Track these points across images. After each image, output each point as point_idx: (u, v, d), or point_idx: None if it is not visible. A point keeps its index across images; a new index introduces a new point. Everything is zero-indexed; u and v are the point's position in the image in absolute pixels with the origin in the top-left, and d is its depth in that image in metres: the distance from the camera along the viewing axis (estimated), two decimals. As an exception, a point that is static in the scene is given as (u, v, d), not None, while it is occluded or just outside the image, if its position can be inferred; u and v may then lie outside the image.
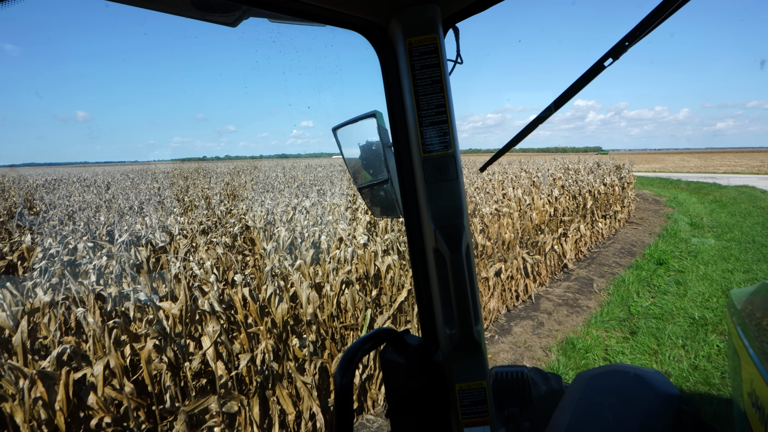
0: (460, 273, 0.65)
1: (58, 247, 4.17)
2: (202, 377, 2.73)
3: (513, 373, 0.92)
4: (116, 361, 2.06)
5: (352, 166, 1.04)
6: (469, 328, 0.65)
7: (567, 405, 1.28)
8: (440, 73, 0.66)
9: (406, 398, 0.73)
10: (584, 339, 4.67)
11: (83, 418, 2.09)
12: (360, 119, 0.93)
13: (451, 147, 0.68)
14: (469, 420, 0.72)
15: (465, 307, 0.65)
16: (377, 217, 1.11)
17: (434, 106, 0.67)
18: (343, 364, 0.63)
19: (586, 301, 5.88)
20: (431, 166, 0.68)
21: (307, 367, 2.91)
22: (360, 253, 3.67)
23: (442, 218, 0.68)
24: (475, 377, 0.71)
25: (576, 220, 7.54)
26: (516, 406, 0.91)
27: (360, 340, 0.67)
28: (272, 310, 2.85)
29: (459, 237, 0.66)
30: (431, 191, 0.69)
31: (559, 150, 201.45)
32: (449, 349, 0.71)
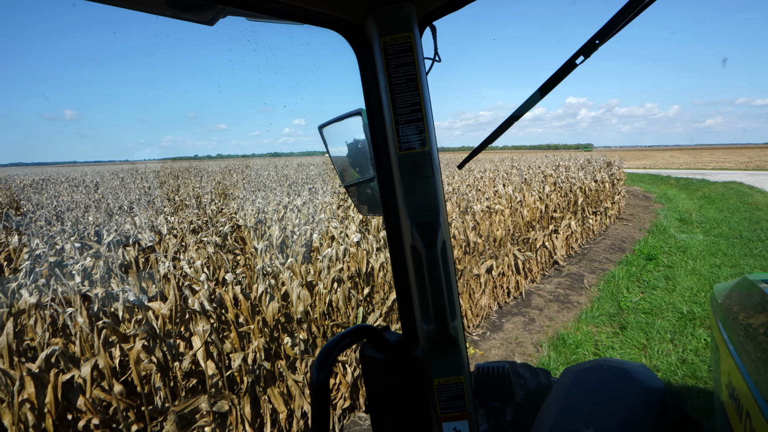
0: (435, 269, 0.65)
1: (45, 247, 4.11)
2: (192, 377, 2.72)
3: (494, 369, 0.93)
4: (105, 361, 2.04)
5: (338, 164, 1.04)
6: (444, 324, 0.66)
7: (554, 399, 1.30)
8: (415, 72, 0.66)
9: (386, 394, 0.74)
10: (575, 334, 4.71)
11: (71, 420, 2.07)
12: (346, 117, 0.93)
13: (427, 144, 0.68)
14: (447, 414, 0.73)
15: (441, 303, 0.65)
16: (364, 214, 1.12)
17: (410, 104, 0.67)
18: (320, 361, 0.63)
19: (576, 297, 5.94)
20: (407, 164, 0.68)
21: (298, 366, 2.91)
22: (353, 251, 3.67)
23: (419, 215, 0.69)
24: (452, 372, 0.72)
25: (567, 217, 7.61)
26: (497, 400, 0.92)
27: (337, 336, 0.68)
28: (263, 309, 2.85)
29: (434, 234, 0.67)
30: (407, 189, 0.69)
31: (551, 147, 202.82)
32: (427, 344, 0.71)
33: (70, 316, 2.20)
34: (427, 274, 0.65)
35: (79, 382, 2.07)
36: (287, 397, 2.85)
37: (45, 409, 1.90)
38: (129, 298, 2.37)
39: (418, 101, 0.67)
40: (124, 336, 2.31)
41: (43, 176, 24.57)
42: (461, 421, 0.72)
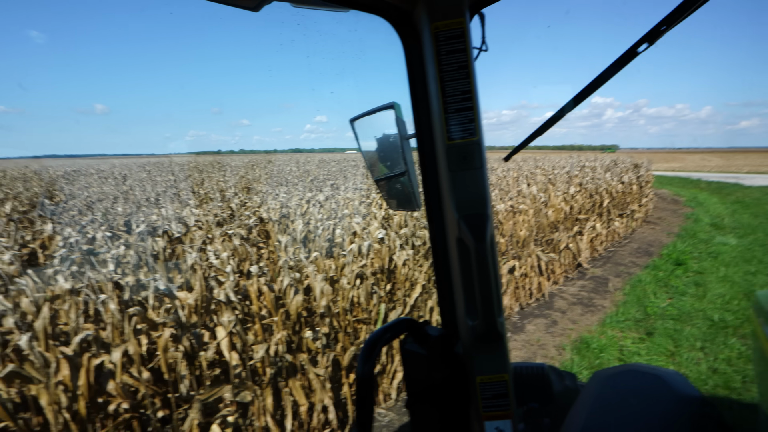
0: (483, 263, 0.63)
1: (78, 236, 4.26)
2: (216, 367, 2.77)
3: (532, 368, 0.90)
4: (134, 348, 2.09)
5: (369, 158, 1.03)
6: (492, 319, 0.64)
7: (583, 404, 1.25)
8: (466, 59, 0.64)
9: (427, 389, 0.72)
10: (599, 338, 4.60)
11: (102, 403, 2.13)
12: (378, 111, 0.91)
13: (477, 134, 0.66)
14: (490, 413, 0.70)
15: (489, 298, 0.63)
16: (393, 209, 1.10)
17: (460, 92, 0.65)
18: (365, 353, 0.62)
19: (601, 300, 5.79)
20: (455, 154, 0.66)
21: (319, 360, 2.93)
22: (376, 247, 3.67)
23: (466, 207, 0.67)
24: (496, 370, 0.70)
25: (592, 219, 7.42)
26: (535, 401, 0.89)
27: (381, 329, 0.66)
28: (287, 302, 2.87)
29: (484, 227, 0.64)
30: (455, 180, 0.67)
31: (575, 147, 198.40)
32: (471, 340, 0.69)
33: (102, 302, 2.27)
34: (475, 268, 0.63)
35: (109, 367, 2.12)
36: (308, 390, 2.87)
37: (78, 392, 1.96)
38: (159, 287, 2.42)
39: (469, 89, 0.65)
40: (153, 324, 2.36)
41: (75, 168, 25.47)
42: (504, 420, 0.70)
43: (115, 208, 6.82)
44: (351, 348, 3.10)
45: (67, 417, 1.98)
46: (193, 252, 3.12)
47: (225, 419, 2.38)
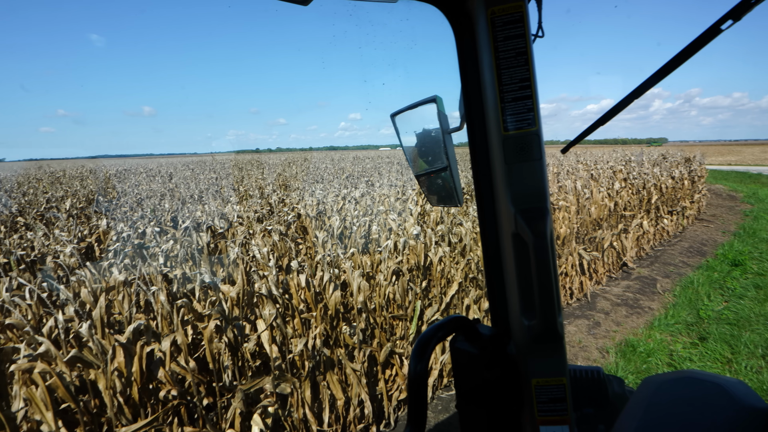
0: (543, 260, 0.60)
1: (129, 231, 4.51)
2: (258, 358, 2.85)
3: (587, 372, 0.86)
4: (182, 338, 2.19)
5: (410, 152, 1.01)
6: (552, 319, 0.61)
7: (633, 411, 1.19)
8: (525, 44, 0.61)
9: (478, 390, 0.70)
10: (646, 342, 4.37)
11: (152, 389, 2.25)
12: (419, 105, 0.90)
13: (535, 124, 0.63)
14: (546, 418, 0.68)
15: (548, 296, 0.60)
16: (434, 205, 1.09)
17: (518, 80, 0.62)
18: (418, 351, 0.61)
19: (648, 302, 5.50)
20: (513, 146, 0.63)
21: (356, 355, 2.95)
22: (412, 243, 3.65)
23: (524, 201, 0.64)
24: (554, 373, 0.67)
25: (638, 216, 7.05)
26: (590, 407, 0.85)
27: (434, 327, 0.65)
28: (326, 297, 2.91)
29: (543, 221, 0.61)
30: (512, 172, 0.64)
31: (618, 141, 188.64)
32: (526, 341, 0.67)
33: (153, 294, 2.39)
34: (534, 265, 0.60)
35: (159, 356, 2.24)
36: (345, 384, 2.91)
37: (132, 378, 2.08)
38: (205, 280, 2.52)
39: (528, 77, 0.62)
40: (200, 315, 2.47)
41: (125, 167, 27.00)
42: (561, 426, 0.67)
43: (163, 205, 7.17)
44: (387, 344, 3.11)
45: (120, 401, 2.11)
46: (235, 247, 3.23)
47: (266, 409, 2.45)
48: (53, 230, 5.43)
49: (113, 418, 2.03)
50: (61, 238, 4.54)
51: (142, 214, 6.05)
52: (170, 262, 3.44)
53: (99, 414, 2.18)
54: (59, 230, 5.40)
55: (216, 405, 2.54)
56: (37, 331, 2.34)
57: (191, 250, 3.74)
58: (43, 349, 1.87)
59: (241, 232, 4.42)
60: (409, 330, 3.34)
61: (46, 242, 4.70)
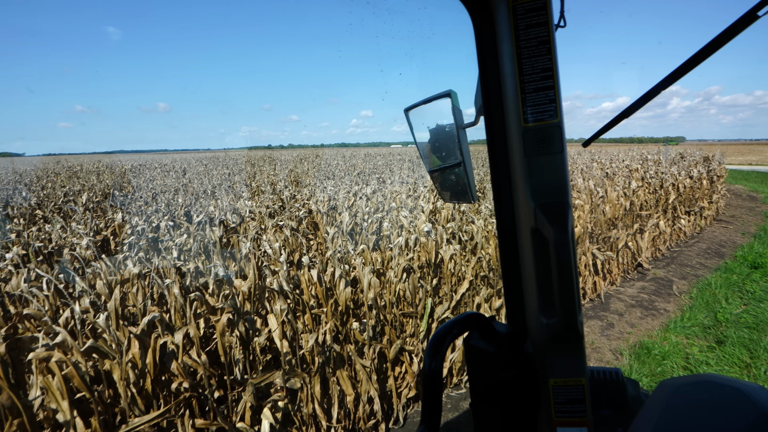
0: (564, 256, 0.58)
1: (144, 225, 4.57)
2: (268, 353, 2.87)
3: (607, 373, 0.83)
4: (194, 331, 2.21)
5: (423, 148, 1.00)
6: (572, 318, 0.59)
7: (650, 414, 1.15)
8: (548, 33, 0.59)
9: (493, 389, 0.69)
10: (661, 345, 4.28)
11: (165, 381, 2.27)
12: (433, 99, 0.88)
13: (557, 116, 0.60)
14: (563, 419, 0.66)
15: (569, 294, 0.58)
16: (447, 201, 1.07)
17: (540, 70, 0.60)
18: (432, 348, 0.60)
19: (663, 303, 5.39)
20: (533, 138, 0.61)
21: (366, 351, 2.95)
22: (423, 241, 3.63)
23: (544, 195, 0.62)
24: (573, 373, 0.65)
25: (655, 216, 6.91)
26: (608, 409, 0.82)
27: (449, 323, 0.63)
28: (337, 293, 2.91)
29: (564, 216, 0.59)
30: (532, 165, 0.62)
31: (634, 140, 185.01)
32: (544, 340, 0.65)
33: (167, 287, 2.41)
34: (554, 261, 0.58)
35: (172, 348, 2.26)
36: (354, 380, 2.91)
37: (146, 369, 2.10)
38: (219, 274, 2.54)
39: (550, 66, 0.59)
40: (213, 308, 2.48)
41: (141, 162, 27.41)
42: (580, 428, 0.65)
43: (176, 200, 7.26)
44: (397, 341, 3.10)
45: (134, 392, 2.13)
46: (247, 241, 3.25)
47: (275, 404, 2.47)
48: (70, 223, 5.54)
49: (127, 408, 2.06)
50: (78, 230, 4.63)
51: (157, 208, 6.13)
52: (183, 256, 3.47)
53: (113, 404, 2.21)
54: (76, 223, 5.50)
55: (227, 398, 2.57)
56: (54, 322, 2.38)
57: (204, 244, 3.78)
58: (59, 339, 1.90)
59: (253, 227, 4.45)
60: (419, 327, 3.33)
61: (63, 235, 4.79)
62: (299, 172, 14.40)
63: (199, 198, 7.47)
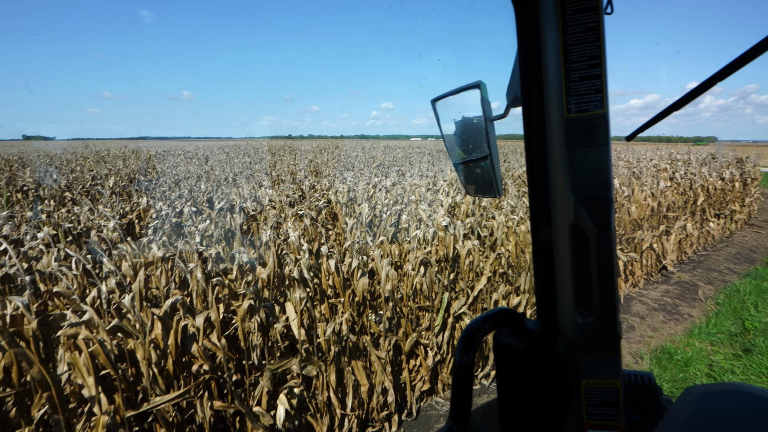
0: (606, 254, 0.55)
1: (168, 210, 4.67)
2: (286, 340, 2.91)
3: (639, 376, 0.81)
4: (215, 315, 2.25)
5: (449, 140, 0.97)
6: (611, 318, 0.56)
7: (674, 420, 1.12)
8: (597, 19, 0.55)
9: (522, 387, 0.67)
10: (684, 350, 4.16)
11: (186, 362, 2.33)
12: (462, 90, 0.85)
13: (603, 106, 0.57)
14: (595, 422, 0.63)
15: (609, 293, 0.56)
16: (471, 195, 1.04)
17: (587, 57, 0.56)
18: (464, 343, 0.58)
19: (687, 308, 5.23)
20: (576, 129, 0.58)
21: (381, 343, 2.96)
22: (441, 235, 3.60)
23: (586, 190, 0.59)
24: (607, 375, 0.62)
25: (682, 218, 6.69)
26: (639, 413, 0.80)
27: (480, 318, 0.62)
28: (354, 283, 2.92)
29: (607, 211, 0.56)
30: (573, 158, 0.59)
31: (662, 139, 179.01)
32: (578, 339, 0.62)
33: (189, 271, 2.46)
34: (595, 259, 0.56)
35: (192, 331, 2.31)
36: (369, 371, 2.92)
37: (168, 350, 2.16)
38: (243, 260, 2.57)
39: (598, 54, 0.56)
40: (235, 294, 2.52)
41: (165, 148, 28.00)
42: (612, 431, 0.63)
43: (199, 186, 7.39)
44: (412, 334, 3.10)
45: (155, 371, 2.19)
46: (267, 229, 3.28)
47: (291, 390, 2.50)
48: (97, 206, 5.70)
49: (149, 387, 2.12)
50: (105, 213, 4.76)
51: (180, 194, 6.26)
52: (205, 242, 3.54)
53: (135, 382, 2.28)
54: (103, 206, 5.67)
55: (244, 382, 2.61)
56: (82, 300, 2.46)
57: (225, 230, 3.84)
58: (87, 317, 1.96)
59: (273, 216, 4.50)
60: (434, 321, 3.31)
61: (91, 217, 4.94)
62: (319, 163, 14.47)
63: (221, 185, 7.59)
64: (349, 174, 9.24)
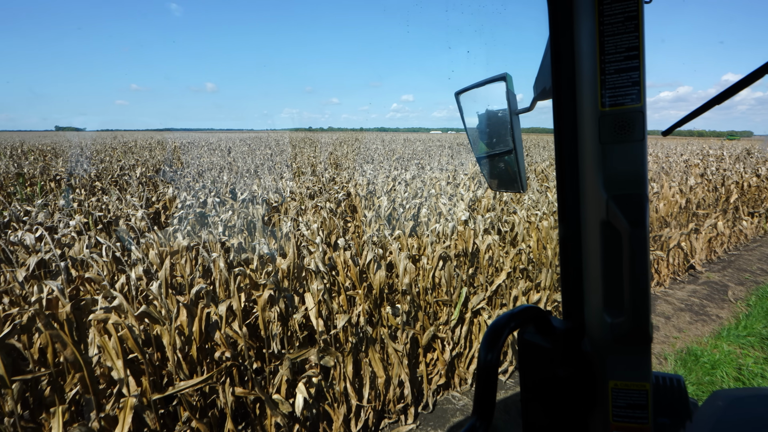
0: (641, 253, 0.54)
1: (192, 200, 4.79)
2: (304, 330, 2.95)
3: (668, 379, 0.79)
4: (237, 304, 2.30)
5: (472, 134, 0.96)
6: (644, 319, 0.55)
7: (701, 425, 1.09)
8: (637, 7, 0.53)
9: (547, 386, 0.66)
10: (711, 352, 4.03)
11: (209, 349, 2.40)
12: (487, 83, 0.84)
13: (640, 100, 0.55)
14: (622, 424, 0.62)
15: (642, 293, 0.54)
16: (494, 190, 1.03)
17: (624, 48, 0.54)
18: (489, 340, 0.58)
19: (716, 309, 5.06)
20: (611, 123, 0.56)
21: (399, 336, 2.97)
22: (460, 229, 3.58)
23: (620, 186, 0.57)
24: (636, 377, 0.61)
25: (713, 215, 6.44)
26: (667, 417, 0.78)
27: (506, 316, 0.61)
28: (370, 276, 2.94)
29: (641, 209, 0.55)
30: (606, 153, 0.57)
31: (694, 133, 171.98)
32: (607, 339, 0.61)
33: (213, 260, 2.52)
34: (627, 258, 0.54)
35: (216, 319, 2.37)
36: (386, 363, 2.94)
37: (192, 337, 2.22)
38: (263, 251, 2.62)
39: (636, 45, 0.54)
40: (255, 284, 2.58)
41: (189, 140, 28.59)
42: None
43: (222, 177, 7.53)
44: (430, 328, 3.10)
45: (180, 357, 2.27)
46: (288, 221, 3.32)
47: (310, 379, 2.54)
48: (125, 195, 5.89)
49: (173, 371, 2.19)
50: (133, 203, 4.91)
51: (203, 185, 6.40)
52: (228, 232, 3.61)
53: (161, 366, 2.36)
54: (130, 195, 5.84)
55: (264, 370, 2.67)
56: (112, 286, 2.55)
57: (247, 221, 3.91)
58: (116, 302, 2.04)
59: (293, 207, 4.55)
60: (452, 316, 3.31)
61: (119, 206, 5.11)
62: (339, 155, 14.53)
63: (243, 176, 7.72)
64: (369, 167, 9.25)
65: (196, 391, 2.27)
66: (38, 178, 8.46)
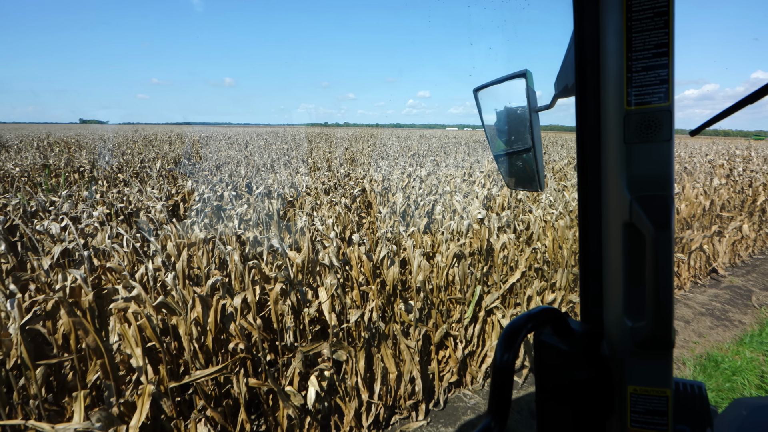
0: (664, 256, 0.52)
1: (209, 193, 4.86)
2: (317, 324, 2.98)
3: (689, 386, 0.77)
4: (251, 296, 2.34)
5: (490, 131, 0.95)
6: (666, 324, 0.53)
7: None
8: (667, 3, 0.51)
9: (563, 389, 0.65)
10: (732, 358, 3.92)
11: (224, 340, 2.44)
12: (507, 79, 0.82)
13: (669, 99, 0.53)
14: (640, 430, 0.61)
15: (666, 298, 0.53)
16: (512, 188, 1.01)
17: (653, 45, 0.52)
18: (505, 341, 0.57)
19: (739, 315, 4.91)
20: (637, 122, 0.55)
21: (411, 332, 2.97)
22: (476, 227, 3.55)
23: (645, 187, 0.55)
24: (657, 383, 0.59)
25: (738, 218, 6.24)
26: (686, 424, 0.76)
27: (523, 316, 0.60)
28: (384, 272, 2.94)
29: (667, 211, 0.53)
30: (631, 153, 0.56)
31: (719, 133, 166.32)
32: (626, 343, 0.60)
33: (228, 253, 2.56)
34: (651, 261, 0.53)
35: (230, 311, 2.41)
36: (398, 359, 2.95)
37: (208, 328, 2.27)
38: (274, 245, 2.65)
39: (665, 42, 0.52)
40: (267, 277, 2.61)
41: (207, 134, 28.99)
42: None
43: (239, 171, 7.63)
44: (443, 325, 3.09)
45: (196, 347, 2.32)
46: (303, 216, 3.35)
47: (322, 373, 2.57)
48: (146, 187, 6.02)
49: (189, 361, 2.24)
50: (153, 195, 5.02)
51: (221, 179, 6.49)
52: (243, 225, 3.66)
53: (177, 356, 2.42)
54: (151, 188, 5.97)
55: (277, 362, 2.71)
56: (132, 276, 2.62)
57: (263, 215, 3.95)
58: (135, 292, 2.09)
59: (308, 202, 4.58)
60: (465, 314, 3.29)
61: (140, 198, 5.22)
62: (354, 151, 14.55)
63: (259, 171, 7.80)
64: (384, 163, 9.24)
65: (211, 381, 2.32)
66: (63, 169, 8.72)
